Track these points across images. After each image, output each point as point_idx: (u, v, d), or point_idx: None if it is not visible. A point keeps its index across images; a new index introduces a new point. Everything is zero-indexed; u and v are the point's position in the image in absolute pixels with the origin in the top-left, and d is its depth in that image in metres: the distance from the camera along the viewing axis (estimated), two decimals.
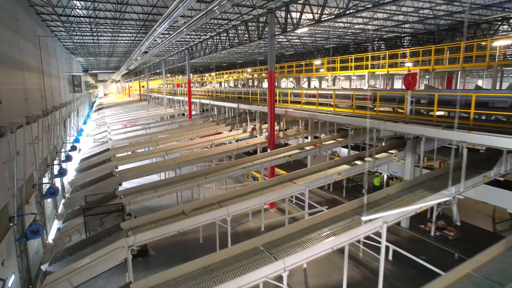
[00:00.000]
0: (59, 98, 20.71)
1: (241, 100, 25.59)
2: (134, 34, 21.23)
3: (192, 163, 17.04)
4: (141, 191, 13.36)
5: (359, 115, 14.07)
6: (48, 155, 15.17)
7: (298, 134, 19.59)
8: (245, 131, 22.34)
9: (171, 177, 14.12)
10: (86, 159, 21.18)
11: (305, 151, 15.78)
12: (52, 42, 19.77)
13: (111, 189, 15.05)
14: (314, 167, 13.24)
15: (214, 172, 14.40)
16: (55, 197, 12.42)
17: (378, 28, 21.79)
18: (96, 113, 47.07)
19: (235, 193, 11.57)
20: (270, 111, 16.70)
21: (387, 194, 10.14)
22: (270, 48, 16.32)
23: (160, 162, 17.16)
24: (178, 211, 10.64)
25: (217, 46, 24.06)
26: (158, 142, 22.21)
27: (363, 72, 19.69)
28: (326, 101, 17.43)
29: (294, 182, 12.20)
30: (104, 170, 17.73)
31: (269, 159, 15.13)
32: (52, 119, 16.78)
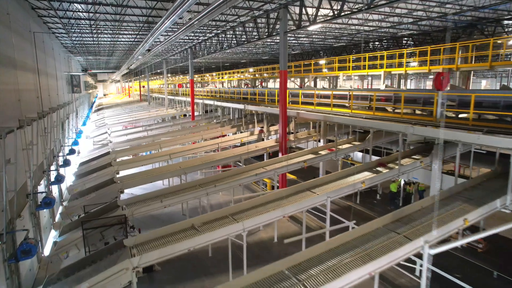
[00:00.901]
0: (56, 99, 19.63)
1: (247, 101, 24.53)
2: (137, 31, 20.16)
3: (199, 169, 15.98)
4: (144, 200, 12.29)
5: (381, 117, 13.02)
6: (44, 160, 14.10)
7: (309, 137, 18.52)
8: (252, 134, 21.27)
9: (177, 184, 13.04)
10: (86, 163, 20.10)
11: (320, 156, 14.72)
12: (49, 39, 18.69)
13: (112, 197, 14.00)
14: (334, 175, 12.18)
15: (224, 179, 13.34)
16: (51, 207, 11.36)
17: (393, 25, 20.71)
18: (95, 114, 45.99)
19: (249, 204, 10.50)
20: (282, 113, 15.64)
21: (421, 207, 9.08)
22: (282, 45, 15.27)
23: (164, 168, 16.09)
24: (187, 225, 9.57)
25: (222, 44, 23.01)
26: (161, 145, 21.15)
27: (378, 72, 18.63)
28: (341, 102, 16.39)
29: (313, 192, 11.14)
30: (105, 175, 16.66)
31: (282, 164, 14.06)
32: (49, 121, 15.70)
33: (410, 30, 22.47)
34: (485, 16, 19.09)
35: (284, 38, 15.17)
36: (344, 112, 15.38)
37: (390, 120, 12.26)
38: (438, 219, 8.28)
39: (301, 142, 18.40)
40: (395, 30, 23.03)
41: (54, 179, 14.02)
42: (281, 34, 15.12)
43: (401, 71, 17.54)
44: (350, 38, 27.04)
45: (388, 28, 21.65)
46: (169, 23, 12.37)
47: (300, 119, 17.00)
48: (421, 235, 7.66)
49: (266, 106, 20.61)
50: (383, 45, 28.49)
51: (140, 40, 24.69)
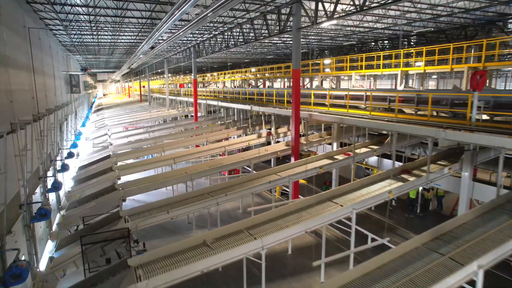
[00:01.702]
0: (54, 100, 18.62)
1: (253, 101, 23.53)
2: (139, 28, 19.15)
3: (206, 174, 14.98)
4: (149, 210, 11.28)
5: (405, 120, 12.03)
6: (40, 165, 13.09)
7: (322, 140, 17.51)
8: (260, 136, 20.26)
9: (184, 193, 12.02)
10: (85, 167, 19.07)
11: (337, 161, 13.71)
12: (46, 37, 17.68)
13: (113, 205, 13.00)
14: (356, 183, 11.17)
15: (234, 187, 12.33)
16: (47, 219, 10.36)
17: (409, 23, 19.67)
18: (95, 114, 44.95)
19: (265, 216, 9.49)
20: (294, 115, 14.64)
21: (463, 222, 8.07)
22: (295, 43, 14.27)
23: (168, 173, 15.07)
24: (198, 241, 8.56)
25: (228, 42, 22.00)
26: (164, 148, 20.13)
27: (395, 71, 17.63)
28: (357, 103, 15.41)
29: (335, 202, 10.14)
30: (105, 181, 15.66)
31: (297, 170, 13.07)
32: (46, 124, 14.71)
33: (426, 28, 21.47)
34: (505, 12, 18.10)
35: (297, 35, 14.17)
36: (362, 114, 14.40)
37: (416, 123, 11.27)
38: (486, 237, 7.29)
39: (313, 146, 17.39)
40: (410, 27, 22.04)
41: (51, 186, 13.00)
42: (294, 30, 14.12)
43: (420, 70, 16.56)
44: (360, 36, 26.04)
45: (403, 26, 20.66)
46: (178, 17, 11.34)
47: (313, 121, 16.01)
48: (470, 257, 6.67)
49: (275, 107, 19.63)
50: (393, 44, 27.49)
51: (142, 39, 23.69)
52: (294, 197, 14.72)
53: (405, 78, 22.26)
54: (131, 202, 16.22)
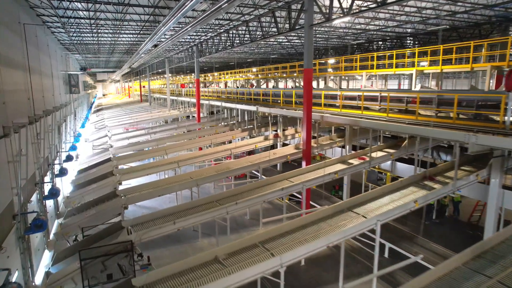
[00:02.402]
0: (52, 100, 17.80)
1: (259, 102, 22.73)
2: (141, 25, 18.34)
3: (213, 180, 14.17)
4: (153, 220, 10.46)
5: (426, 123, 11.23)
6: (36, 171, 12.27)
7: (333, 143, 16.70)
8: (266, 139, 19.45)
9: (190, 201, 11.20)
10: (85, 170, 18.23)
11: (352, 166, 12.88)
12: (43, 34, 16.86)
13: (114, 213, 12.19)
14: (376, 191, 10.36)
15: (244, 194, 11.52)
16: (43, 230, 9.55)
17: (424, 20, 18.86)
18: (95, 115, 44.13)
19: (282, 229, 8.68)
20: (306, 117, 13.83)
21: (505, 238, 7.27)
22: (307, 41, 13.46)
23: (172, 178, 14.26)
24: (209, 257, 7.75)
25: (233, 41, 21.20)
26: (167, 151, 19.32)
27: (409, 71, 16.83)
28: (372, 104, 14.63)
29: (355, 212, 9.33)
30: (106, 186, 14.83)
31: (310, 176, 12.25)
32: (43, 126, 13.89)
33: (439, 26, 20.67)
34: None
35: (309, 32, 13.36)
36: (378, 116, 13.61)
37: (441, 126, 10.48)
38: None
39: (324, 149, 16.58)
40: (423, 25, 21.22)
41: (49, 193, 12.18)
42: (306, 27, 13.31)
43: (436, 70, 15.76)
44: (369, 35, 25.23)
45: (417, 23, 19.84)
46: (187, 9, 10.50)
47: (324, 123, 15.21)
48: None
49: (282, 108, 18.84)
50: (402, 43, 26.71)
51: (143, 37, 22.89)
52: (307, 205, 13.93)
53: (410, 78, 21.54)
54: (132, 208, 15.44)
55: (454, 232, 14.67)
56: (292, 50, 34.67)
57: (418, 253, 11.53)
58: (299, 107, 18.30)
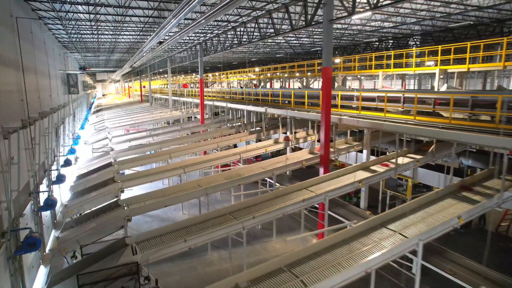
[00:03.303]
0: (49, 101, 16.67)
1: (267, 103, 21.64)
2: (144, 22, 17.28)
3: (224, 188, 13.07)
4: (160, 236, 9.35)
5: (460, 126, 10.16)
6: (31, 179, 11.16)
7: (350, 147, 15.60)
8: (277, 142, 18.35)
9: (201, 214, 10.09)
10: (84, 176, 17.09)
11: (377, 174, 11.77)
12: (39, 31, 15.75)
13: (117, 225, 11.09)
14: (410, 204, 9.26)
15: (260, 205, 10.41)
16: (37, 249, 8.45)
17: (447, 15, 17.71)
18: (94, 116, 42.99)
19: (308, 250, 7.59)
20: (324, 119, 12.74)
21: None
22: (327, 37, 12.37)
23: (179, 187, 13.15)
24: (229, 285, 6.64)
25: (241, 38, 20.10)
26: (171, 155, 18.21)
27: (432, 70, 15.75)
28: (395, 106, 13.56)
29: (391, 229, 8.24)
30: (107, 194, 13.74)
31: (331, 185, 11.16)
32: (39, 129, 12.81)
33: (458, 22, 19.58)
34: None
35: (328, 28, 12.27)
36: (402, 118, 12.52)
37: (478, 130, 9.41)
38: None
39: (341, 153, 15.48)
40: (440, 22, 20.13)
41: (44, 203, 11.07)
42: (325, 22, 12.22)
43: (462, 69, 14.68)
44: (383, 33, 24.11)
45: (437, 20, 18.76)
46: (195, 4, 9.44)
47: (342, 126, 14.12)
48: None
49: (293, 109, 17.76)
50: (416, 43, 25.63)
51: (146, 34, 21.80)
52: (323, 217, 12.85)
53: (419, 78, 20.51)
54: (136, 216, 14.33)
55: (481, 242, 13.59)
56: (299, 49, 33.58)
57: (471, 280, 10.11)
58: (312, 109, 17.25)
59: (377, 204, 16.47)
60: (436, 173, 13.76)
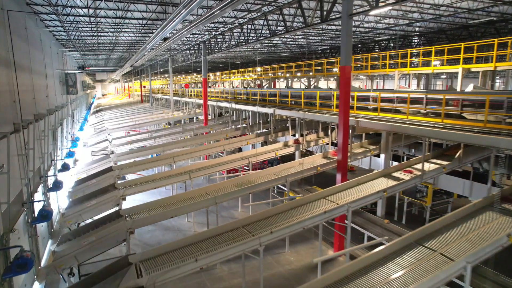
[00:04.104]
0: (46, 102, 15.71)
1: (275, 104, 20.67)
2: (147, 18, 16.32)
3: (234, 197, 12.13)
4: (167, 253, 8.36)
5: (497, 131, 9.21)
6: (23, 188, 10.19)
7: (367, 151, 14.64)
8: (286, 145, 17.39)
9: (213, 228, 9.09)
10: (83, 181, 16.11)
11: (403, 182, 10.79)
12: (35, 27, 14.79)
13: (118, 239, 10.13)
14: (445, 219, 8.28)
15: (277, 218, 9.44)
16: (27, 271, 7.48)
17: (471, 10, 16.71)
18: (94, 116, 42.00)
19: (339, 274, 6.61)
20: (343, 121, 11.78)
21: None
22: (345, 33, 11.41)
23: (184, 195, 12.17)
24: None
25: (248, 36, 19.14)
26: (175, 159, 17.24)
27: (453, 69, 14.82)
28: (417, 108, 12.62)
29: (430, 248, 7.27)
30: (107, 202, 12.78)
31: (353, 195, 10.20)
32: (34, 132, 11.84)
33: (480, 19, 18.63)
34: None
35: (348, 23, 11.32)
36: (428, 121, 11.56)
37: None
38: None
39: (358, 158, 14.53)
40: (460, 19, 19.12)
41: (39, 215, 10.08)
42: (344, 17, 11.27)
43: (488, 68, 13.73)
44: (393, 32, 23.15)
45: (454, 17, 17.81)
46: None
47: (360, 129, 13.17)
48: None
49: (304, 111, 16.79)
50: (427, 40, 24.69)
51: (148, 31, 20.84)
52: (339, 245, 11.98)
53: (417, 78, 19.60)
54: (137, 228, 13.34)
55: None
56: (304, 48, 32.64)
57: None
58: (323, 110, 16.30)
59: (393, 211, 15.54)
60: (461, 179, 12.82)
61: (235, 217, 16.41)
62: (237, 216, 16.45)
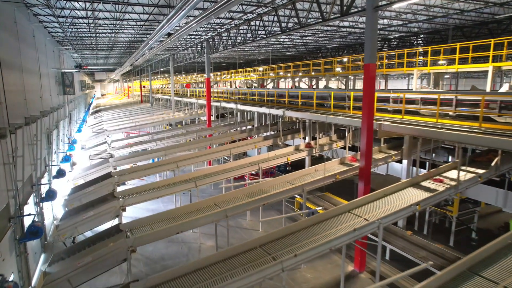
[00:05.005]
0: (40, 104, 14.54)
1: (285, 104, 19.54)
2: (149, 12, 15.16)
3: (247, 209, 10.98)
4: (175, 278, 7.23)
5: None
6: (10, 200, 9.03)
7: (388, 157, 13.50)
8: (297, 149, 16.25)
9: (226, 249, 7.92)
10: (80, 188, 14.95)
11: (437, 193, 9.61)
12: (26, 22, 13.63)
13: (118, 259, 8.96)
14: (501, 241, 7.13)
15: (300, 236, 8.29)
16: None
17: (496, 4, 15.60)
18: (93, 117, 40.82)
19: None
20: (366, 125, 10.64)
21: None
22: (370, 28, 10.27)
23: (191, 206, 11.00)
24: None
25: (256, 33, 17.99)
26: (178, 164, 16.07)
27: (483, 67, 13.70)
28: (446, 110, 11.50)
29: (486, 278, 6.12)
30: (106, 214, 11.67)
31: (383, 209, 9.04)
32: (25, 137, 10.68)
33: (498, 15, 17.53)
34: None
35: (373, 16, 10.18)
36: (461, 125, 10.42)
37: None
38: None
39: (378, 165, 13.38)
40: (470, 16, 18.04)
41: (28, 231, 8.92)
42: (369, 10, 10.14)
43: None
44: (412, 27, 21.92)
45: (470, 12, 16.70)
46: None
47: (382, 133, 12.03)
48: None
49: (316, 113, 15.67)
50: (443, 39, 23.54)
51: (150, 28, 19.69)
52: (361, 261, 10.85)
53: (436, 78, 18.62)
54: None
55: None
56: (311, 46, 31.49)
57: None
58: (339, 111, 15.18)
59: (412, 219, 14.43)
60: (493, 188, 11.68)
61: (243, 227, 15.28)
62: (245, 226, 15.33)
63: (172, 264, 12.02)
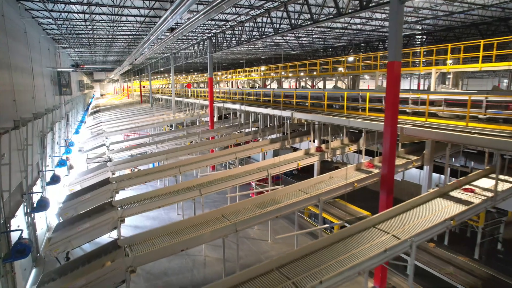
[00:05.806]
0: (32, 105, 13.54)
1: (293, 106, 18.54)
2: (150, 7, 14.16)
3: (258, 222, 9.98)
4: None
5: None
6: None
7: (408, 162, 12.50)
8: (308, 154, 15.26)
9: (240, 273, 6.91)
10: (76, 195, 13.94)
11: (472, 207, 8.61)
12: (17, 17, 12.65)
13: (116, 281, 7.95)
14: None
15: (321, 256, 7.29)
16: None
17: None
18: (91, 117, 39.79)
19: None
20: (389, 129, 9.65)
21: None
22: (395, 22, 9.30)
23: (197, 218, 9.99)
24: None
25: (263, 29, 16.99)
26: (181, 169, 15.07)
27: (503, 66, 12.71)
28: (476, 112, 10.52)
29: None
30: (103, 225, 10.68)
31: (413, 225, 8.05)
32: (12, 142, 9.65)
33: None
34: None
35: (399, 9, 9.20)
36: (494, 129, 9.45)
37: None
38: None
39: (398, 171, 12.38)
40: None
41: (12, 250, 7.90)
42: (394, 2, 9.15)
43: None
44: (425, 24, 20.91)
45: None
46: None
47: (405, 138, 11.05)
48: None
49: (328, 115, 14.68)
50: (456, 36, 22.54)
51: (150, 24, 18.69)
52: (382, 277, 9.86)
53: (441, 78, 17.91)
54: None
55: None
56: (316, 44, 30.49)
57: None
58: (353, 113, 14.20)
59: None
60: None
61: (250, 236, 14.28)
62: (253, 236, 14.33)
63: (176, 280, 11.03)
